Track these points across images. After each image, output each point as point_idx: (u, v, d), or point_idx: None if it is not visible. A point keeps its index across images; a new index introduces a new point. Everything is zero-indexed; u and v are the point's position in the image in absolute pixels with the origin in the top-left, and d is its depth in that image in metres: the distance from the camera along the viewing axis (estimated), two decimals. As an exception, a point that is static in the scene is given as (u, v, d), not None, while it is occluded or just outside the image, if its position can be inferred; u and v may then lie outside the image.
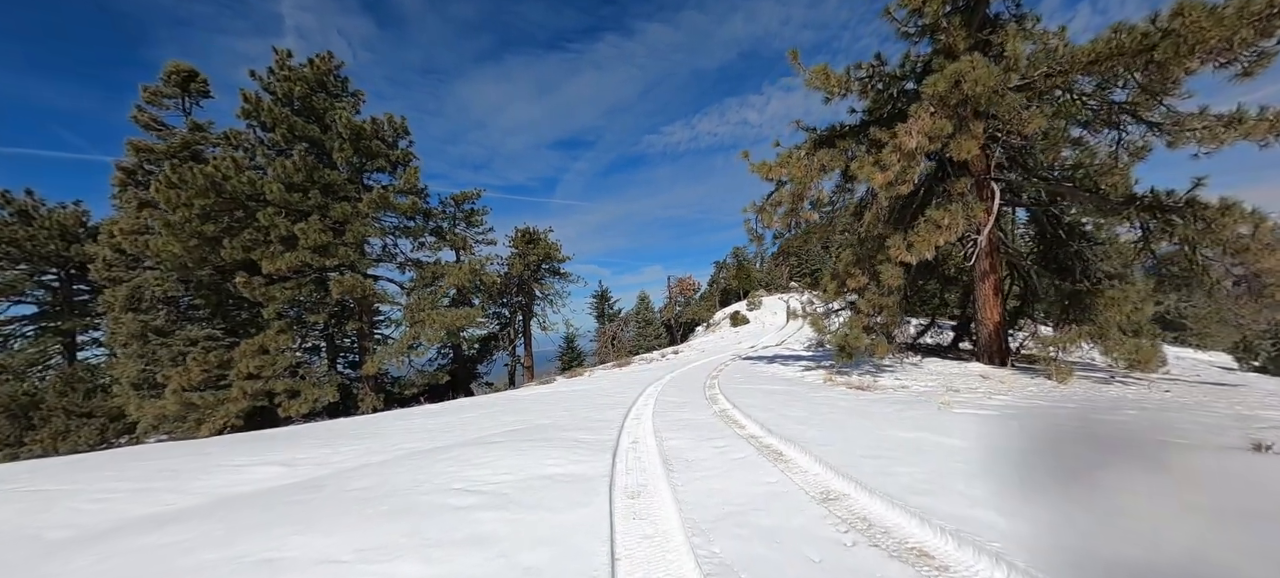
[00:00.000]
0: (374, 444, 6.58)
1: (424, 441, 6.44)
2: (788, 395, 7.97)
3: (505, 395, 12.80)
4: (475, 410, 9.50)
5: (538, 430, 6.48)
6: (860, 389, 7.96)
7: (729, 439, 5.36)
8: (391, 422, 8.65)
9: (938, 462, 3.96)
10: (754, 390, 8.93)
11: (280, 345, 17.05)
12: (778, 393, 8.43)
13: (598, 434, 5.99)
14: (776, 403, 7.27)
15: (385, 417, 9.78)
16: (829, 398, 7.39)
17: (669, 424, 6.41)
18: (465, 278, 18.70)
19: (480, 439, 5.97)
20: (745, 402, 7.51)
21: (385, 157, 19.43)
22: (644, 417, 7.35)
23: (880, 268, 10.01)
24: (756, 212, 12.83)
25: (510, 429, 6.85)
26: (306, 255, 16.32)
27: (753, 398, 7.92)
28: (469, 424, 7.74)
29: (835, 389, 8.39)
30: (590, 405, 8.79)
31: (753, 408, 6.93)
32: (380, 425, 8.42)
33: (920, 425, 5.21)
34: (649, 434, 6.01)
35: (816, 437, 5.01)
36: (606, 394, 10.48)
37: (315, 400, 16.60)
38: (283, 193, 16.79)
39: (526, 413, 8.58)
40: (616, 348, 37.57)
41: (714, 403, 8.07)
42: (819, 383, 9.53)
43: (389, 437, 7.16)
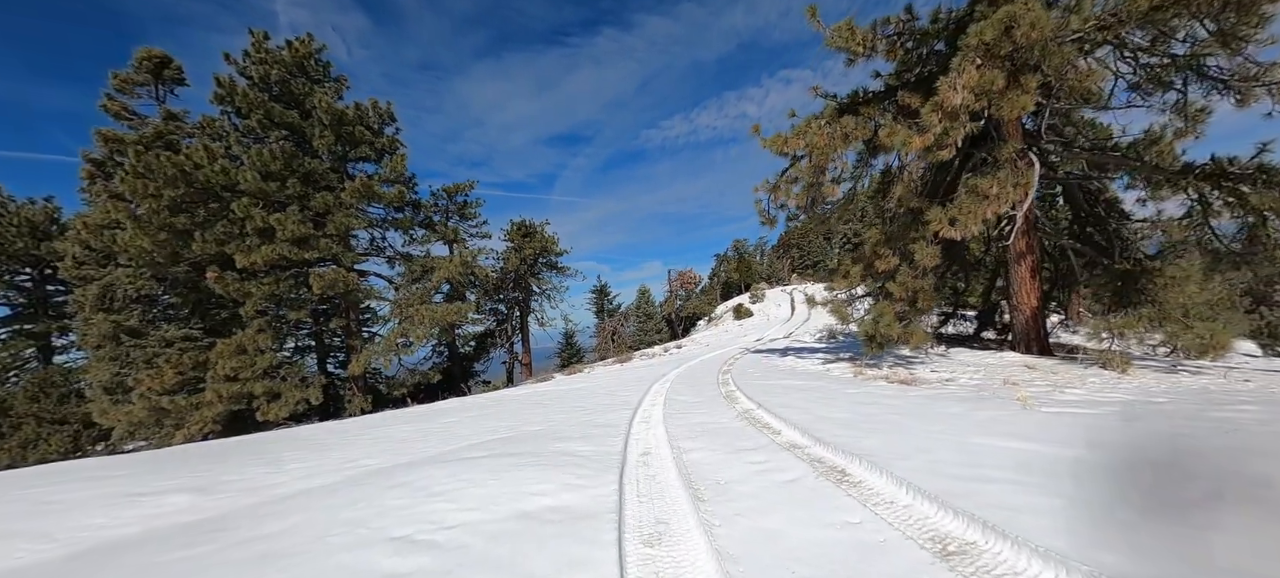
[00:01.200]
0: (330, 459, 5.39)
1: (389, 455, 5.25)
2: (820, 392, 6.79)
3: (497, 396, 11.62)
4: (461, 414, 8.32)
5: (527, 440, 5.31)
6: (904, 384, 6.81)
7: (767, 451, 4.18)
8: (361, 429, 7.47)
9: (1081, 486, 2.78)
10: (777, 386, 7.76)
11: (260, 345, 15.83)
12: (806, 389, 7.25)
13: (599, 444, 4.82)
14: (810, 401, 6.10)
15: (358, 423, 8.62)
16: (870, 395, 6.22)
17: (686, 430, 5.24)
18: (456, 271, 17.49)
19: (455, 454, 4.79)
20: (772, 400, 6.34)
21: (370, 144, 18.18)
22: (654, 420, 6.18)
23: (913, 247, 8.83)
24: (769, 190, 11.63)
25: (495, 438, 5.67)
26: (284, 248, 15.09)
27: (779, 395, 6.75)
28: (449, 431, 6.56)
29: (872, 384, 7.22)
30: (591, 406, 7.62)
31: (783, 408, 5.76)
32: (347, 434, 7.23)
33: (1011, 431, 4.04)
34: (662, 443, 4.83)
35: (881, 447, 3.83)
36: (609, 393, 9.31)
37: (297, 403, 15.40)
38: (258, 182, 15.54)
39: (517, 416, 7.40)
40: (617, 344, 36.40)
41: (734, 402, 6.89)
42: (848, 377, 8.36)
43: (352, 447, 5.97)
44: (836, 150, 9.23)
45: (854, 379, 8.05)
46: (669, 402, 7.38)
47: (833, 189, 9.45)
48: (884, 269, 9.08)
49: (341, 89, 19.48)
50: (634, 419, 6.40)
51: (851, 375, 8.49)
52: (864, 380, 7.68)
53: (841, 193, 9.58)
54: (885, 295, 9.26)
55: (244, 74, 17.46)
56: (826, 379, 8.34)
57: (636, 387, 9.78)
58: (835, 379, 8.24)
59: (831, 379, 8.29)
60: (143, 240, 15.32)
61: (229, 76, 16.93)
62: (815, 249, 49.67)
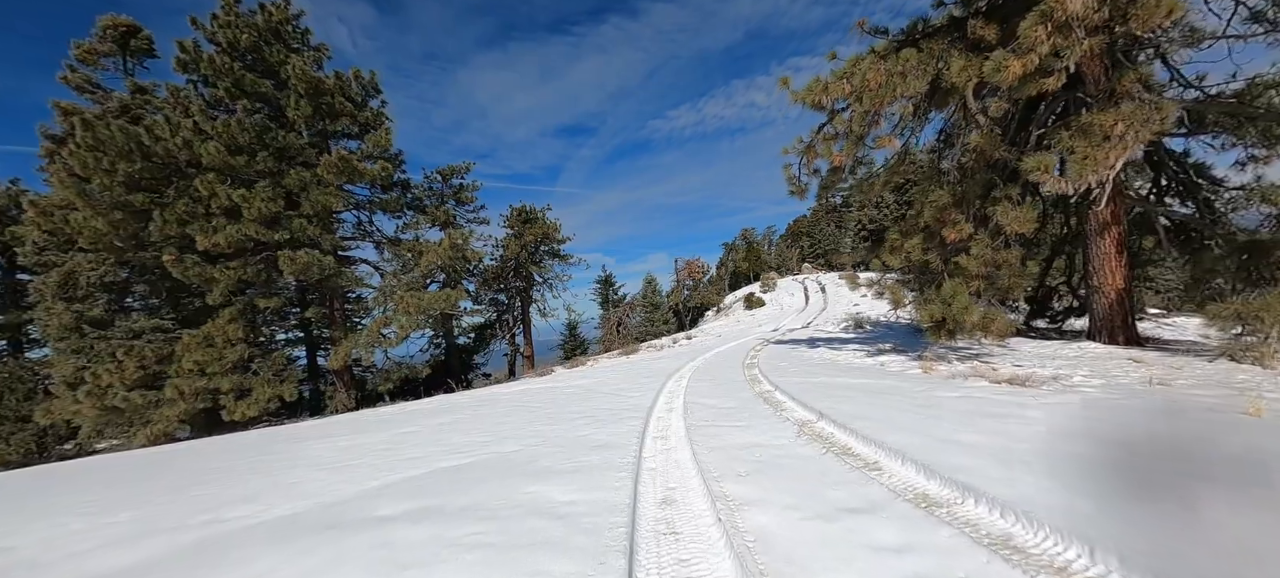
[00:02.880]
0: (186, 504, 3.59)
1: (277, 501, 3.44)
2: (896, 396, 4.92)
3: (483, 395, 9.83)
4: (427, 420, 6.52)
5: (489, 475, 3.49)
6: (1015, 384, 4.92)
7: (888, 511, 2.34)
8: (287, 445, 5.67)
9: None
10: (828, 387, 5.89)
11: (229, 337, 14.12)
12: (872, 390, 5.38)
13: (594, 486, 3.00)
14: (895, 411, 4.23)
15: (295, 430, 6.81)
16: (983, 402, 4.35)
17: (727, 458, 3.40)
18: (446, 256, 15.68)
19: (349, 511, 2.98)
20: (836, 407, 4.48)
21: (351, 116, 16.34)
22: (674, 435, 4.34)
23: (995, 209, 6.91)
24: (801, 152, 9.71)
25: (446, 469, 3.85)
26: (252, 229, 13.33)
27: (839, 399, 4.89)
28: (393, 450, 4.75)
29: (967, 385, 5.33)
30: (590, 412, 5.80)
31: (859, 420, 3.90)
32: (267, 450, 5.44)
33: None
34: (693, 485, 3.00)
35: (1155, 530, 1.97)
36: (614, 392, 7.47)
37: (269, 400, 13.70)
38: (224, 155, 13.75)
39: (495, 426, 5.58)
40: (622, 335, 34.59)
41: (780, 409, 5.03)
42: (916, 373, 6.47)
43: (232, 482, 4.17)
44: (894, 92, 7.28)
45: (927, 377, 6.15)
46: (691, 407, 5.53)
47: (889, 141, 7.51)
48: (954, 239, 7.16)
49: (322, 58, 17.63)
50: (646, 433, 4.56)
51: (920, 372, 6.59)
52: (948, 380, 5.79)
53: (899, 146, 7.64)
54: (956, 272, 7.34)
55: (212, 40, 15.65)
56: (889, 376, 6.45)
57: (647, 384, 7.95)
58: (902, 377, 6.34)
59: (896, 376, 6.40)
60: (97, 222, 13.62)
61: (194, 41, 15.13)
62: (826, 238, 47.34)
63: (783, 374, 7.43)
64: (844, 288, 29.96)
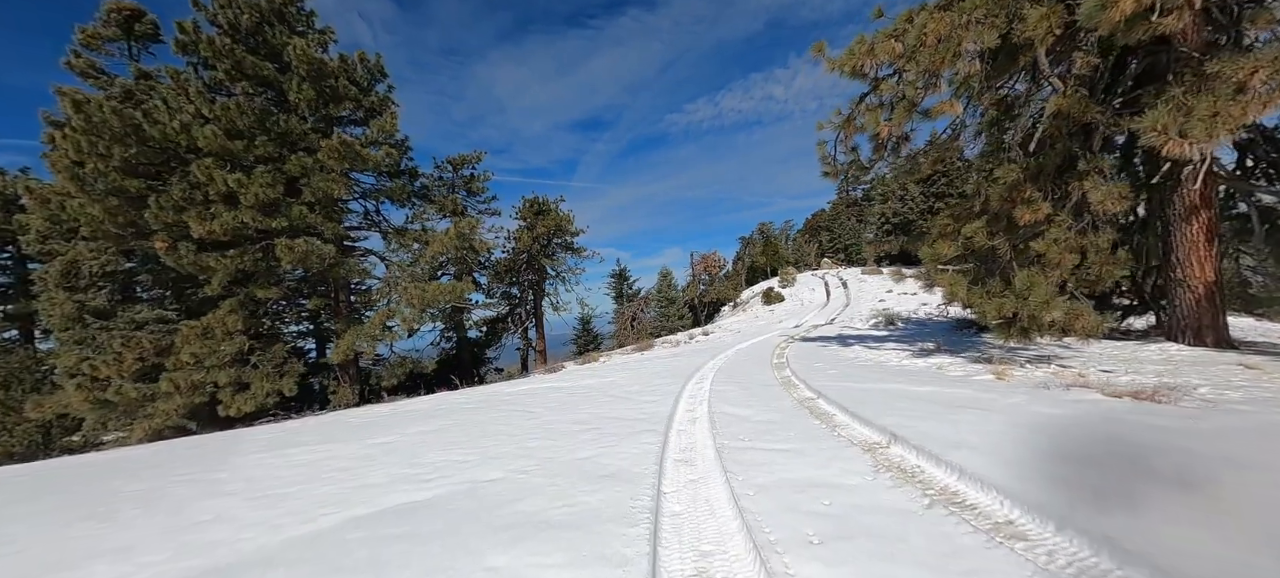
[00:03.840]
0: (26, 563, 2.67)
1: (147, 558, 2.49)
2: (986, 412, 3.81)
3: (482, 395, 8.91)
4: (409, 428, 5.58)
5: (444, 530, 2.52)
6: (1141, 399, 3.78)
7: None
8: (233, 456, 4.74)
9: None
10: (891, 397, 4.79)
11: (229, 328, 13.44)
12: (949, 403, 4.28)
13: (588, 567, 1.99)
14: (1009, 441, 3.13)
15: (257, 436, 5.88)
16: (1119, 424, 3.24)
17: (787, 513, 2.38)
18: (452, 245, 14.82)
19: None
20: (916, 429, 3.40)
21: (356, 101, 15.55)
22: (704, 464, 3.32)
23: (1083, 185, 5.73)
24: (839, 126, 8.56)
25: (394, 510, 2.88)
26: (248, 216, 12.60)
27: (917, 417, 3.81)
28: (354, 472, 3.80)
29: (1063, 397, 4.19)
30: (598, 423, 4.81)
31: (975, 457, 2.83)
32: (206, 463, 4.53)
33: None
34: (747, 563, 1.98)
35: None
36: (626, 396, 6.47)
37: (267, 395, 13.01)
38: (221, 140, 13.03)
39: (481, 441, 4.62)
40: (637, 330, 33.60)
41: (833, 425, 3.97)
42: (988, 380, 5.33)
43: (123, 519, 3.26)
44: (958, 46, 6.11)
45: (1005, 385, 5.01)
46: (719, 419, 4.50)
47: (950, 106, 6.34)
48: (1028, 221, 5.98)
49: (327, 41, 16.86)
50: (666, 455, 3.55)
51: (991, 377, 5.44)
52: (1038, 389, 4.65)
53: (961, 112, 6.46)
54: (1031, 260, 6.16)
55: (213, 22, 14.95)
56: (953, 382, 5.33)
57: (665, 386, 6.94)
58: (971, 383, 5.21)
59: (963, 383, 5.27)
60: (93, 208, 13.01)
61: (193, 22, 14.43)
62: (847, 232, 45.55)
63: (822, 377, 6.35)
64: (868, 283, 28.55)
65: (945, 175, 29.78)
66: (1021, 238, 6.39)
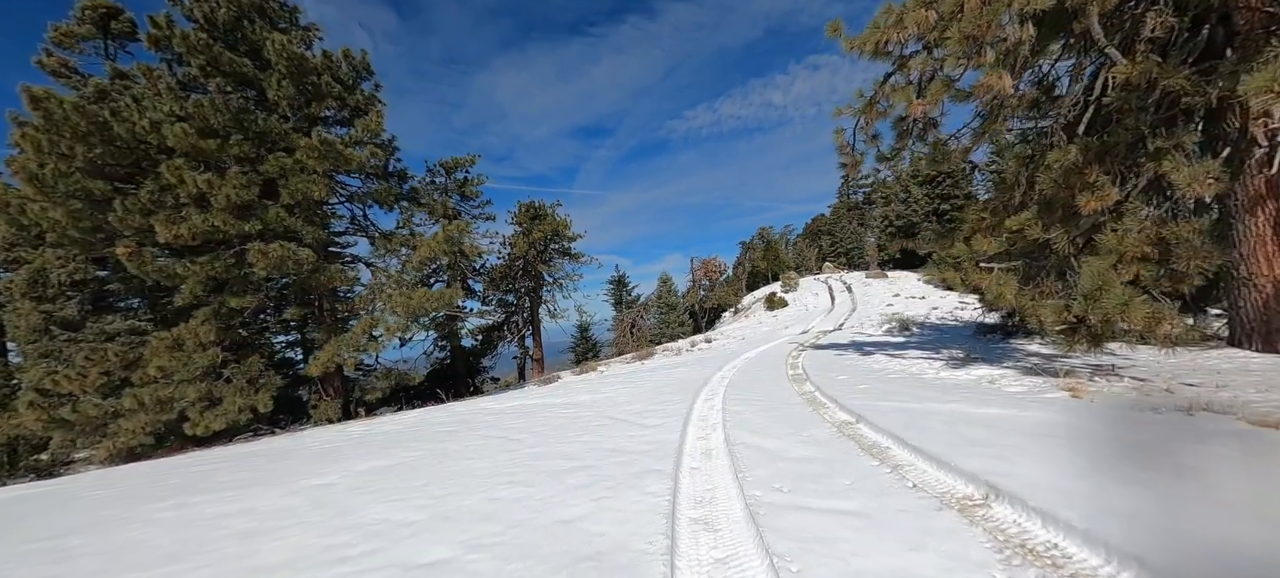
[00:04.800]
0: None
1: None
2: (1112, 451, 2.86)
3: (460, 414, 7.92)
4: (360, 465, 4.60)
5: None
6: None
7: None
8: (118, 498, 3.74)
9: None
10: (955, 422, 3.84)
11: (201, 339, 12.43)
12: (1045, 434, 3.32)
13: None
14: (1210, 518, 2.17)
15: (161, 476, 4.86)
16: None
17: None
18: (440, 248, 13.86)
19: None
20: (1032, 480, 2.45)
21: (340, 99, 14.64)
22: (728, 533, 2.35)
23: (1164, 166, 4.79)
24: (860, 111, 7.64)
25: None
26: (219, 219, 11.64)
27: (1017, 458, 2.86)
28: (250, 543, 2.82)
29: (1200, 426, 3.23)
30: (585, 460, 3.84)
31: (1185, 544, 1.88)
32: (80, 511, 3.54)
33: None
34: None
35: None
36: (626, 417, 5.50)
37: (240, 411, 12.00)
38: (193, 138, 12.09)
39: (440, 490, 3.64)
40: (636, 337, 32.59)
41: (895, 465, 3.01)
42: (1064, 399, 4.37)
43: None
44: (1006, 4, 5.18)
45: (1090, 406, 4.05)
46: (742, 453, 3.53)
47: (997, 79, 5.40)
48: (1093, 209, 5.03)
49: (311, 38, 16.00)
50: (677, 513, 2.58)
51: (1065, 395, 4.48)
52: (1149, 415, 3.69)
53: (1009, 85, 5.52)
54: (1097, 253, 5.21)
55: (189, 16, 14.07)
56: (1025, 403, 4.36)
57: (669, 404, 5.96)
58: (1046, 403, 4.25)
59: (1037, 403, 4.30)
60: (55, 212, 12.04)
61: (166, 16, 13.54)
62: (848, 236, 44.50)
63: (852, 392, 5.38)
64: (873, 287, 27.61)
65: (950, 176, 28.92)
66: (1084, 229, 5.44)
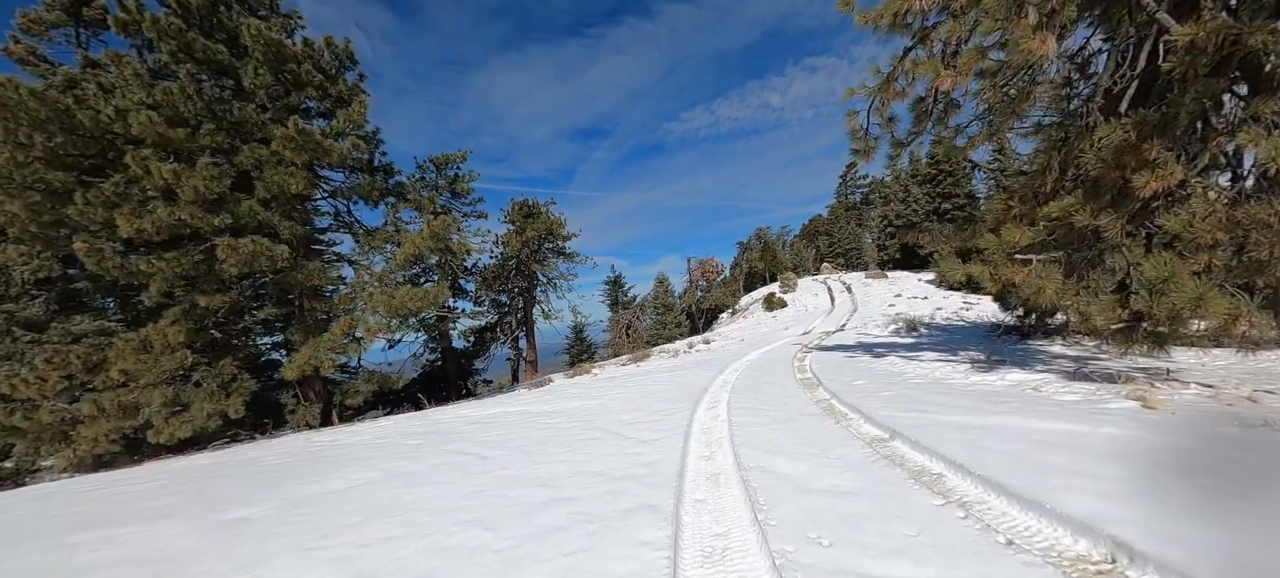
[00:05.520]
0: None
1: None
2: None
3: (434, 423, 7.18)
4: (291, 492, 3.87)
5: None
6: None
7: None
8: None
9: None
10: (1024, 443, 3.14)
11: (170, 341, 11.63)
12: (1166, 467, 2.62)
13: None
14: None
15: (56, 498, 4.13)
16: None
17: None
18: (426, 245, 13.10)
19: None
20: (1228, 554, 1.74)
21: (321, 89, 13.86)
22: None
23: (1240, 139, 4.11)
24: (875, 91, 6.94)
25: None
26: (187, 212, 10.86)
27: (1152, 509, 2.15)
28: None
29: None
30: (564, 489, 3.12)
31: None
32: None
33: None
34: None
35: None
36: (617, 430, 4.77)
37: (209, 417, 11.20)
38: (160, 127, 11.32)
39: (366, 535, 2.91)
40: (632, 338, 31.85)
41: (980, 518, 2.31)
42: (1133, 409, 3.68)
43: None
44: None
45: (1174, 422, 3.36)
46: (760, 485, 2.82)
47: (1042, 43, 4.71)
48: (1154, 190, 4.35)
49: (293, 26, 15.23)
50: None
51: (1136, 404, 3.79)
52: (1255, 431, 3.01)
53: (1052, 50, 4.84)
54: (1155, 241, 4.53)
55: (162, 2, 13.28)
56: (1090, 416, 3.66)
57: (667, 415, 5.25)
58: (1118, 417, 3.55)
59: (1106, 416, 3.60)
60: (13, 205, 11.25)
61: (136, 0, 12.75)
62: (847, 236, 43.83)
63: (875, 401, 4.67)
64: (873, 287, 26.97)
65: (951, 174, 28.31)
66: (1136, 214, 4.75)
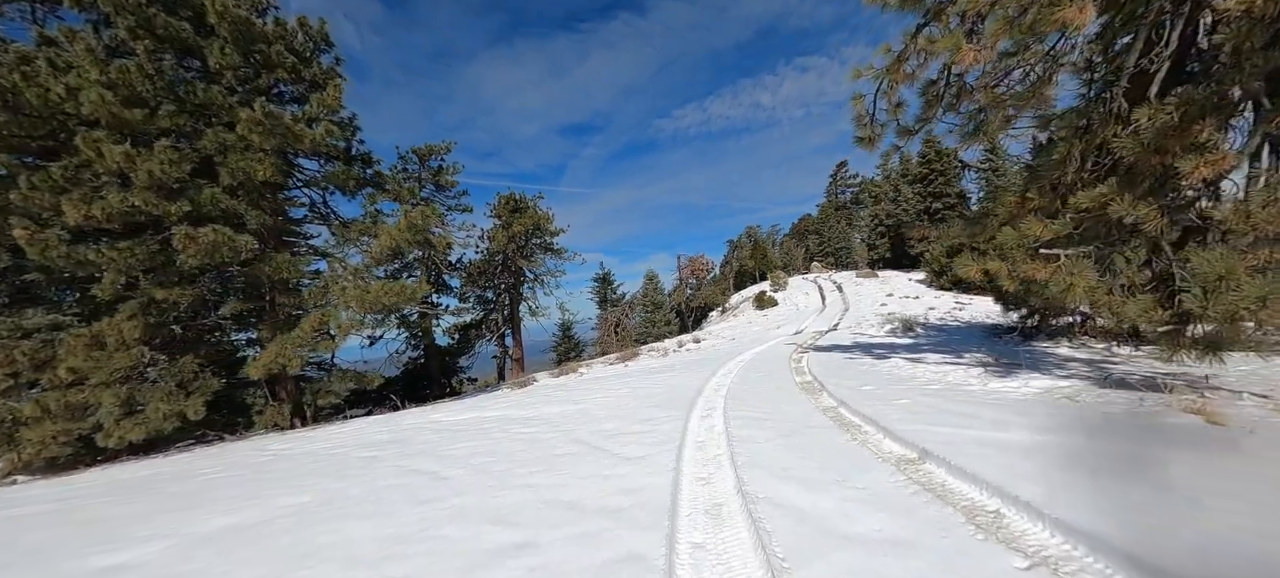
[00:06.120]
0: None
1: None
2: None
3: (398, 430, 6.54)
4: (207, 522, 3.25)
5: None
6: None
7: None
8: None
9: None
10: (1118, 470, 2.59)
11: (125, 337, 10.81)
12: None
13: None
14: None
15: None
16: None
17: None
18: (403, 237, 12.37)
19: None
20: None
21: (293, 72, 13.04)
22: None
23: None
24: (882, 73, 6.41)
25: None
26: (141, 198, 10.06)
27: None
28: None
29: None
30: (526, 532, 2.53)
31: None
32: None
33: None
34: None
35: None
36: (597, 443, 4.19)
37: (165, 419, 10.40)
38: (115, 107, 10.49)
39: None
40: (621, 337, 31.26)
41: None
42: (1196, 425, 3.18)
43: None
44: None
45: (1262, 441, 2.85)
46: (781, 527, 2.25)
47: (1078, 13, 4.20)
48: (1203, 176, 3.86)
49: (265, 4, 14.35)
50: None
51: (1198, 419, 3.28)
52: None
53: (1090, 16, 4.33)
54: (1201, 233, 4.04)
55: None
56: (1164, 437, 3.15)
57: (656, 424, 4.67)
58: (1194, 437, 3.04)
59: (1182, 438, 3.09)
60: (-50, 189, 10.34)
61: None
62: (836, 235, 43.58)
63: (893, 411, 4.13)
64: (864, 286, 26.66)
65: (942, 174, 28.06)
66: (1181, 206, 4.25)
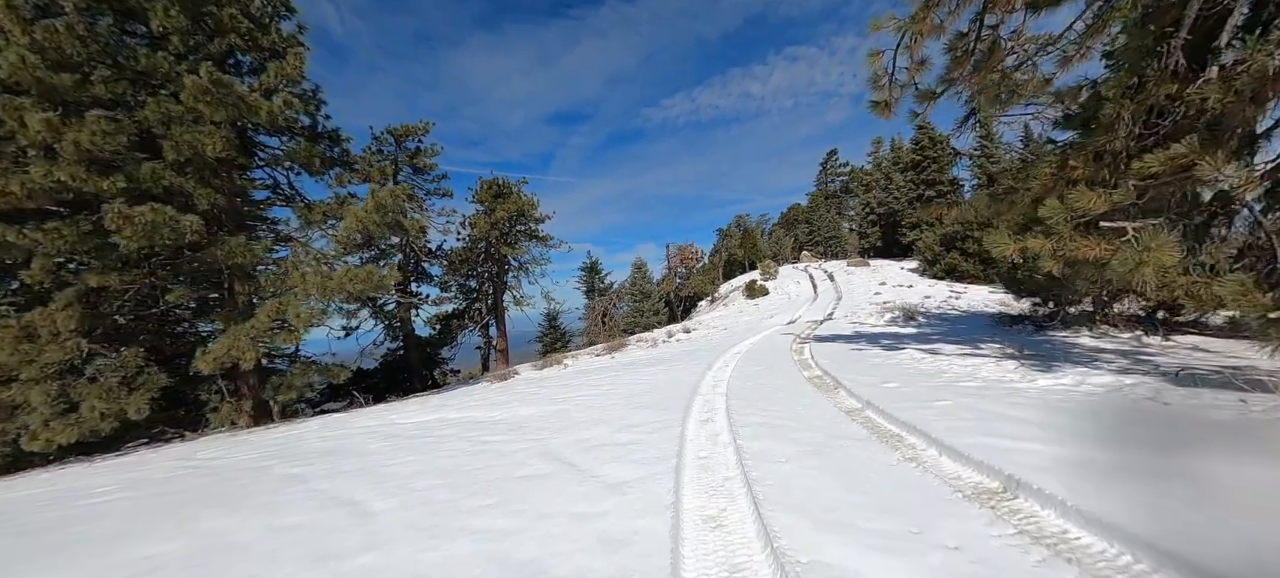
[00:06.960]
0: None
1: None
2: None
3: (337, 440, 5.67)
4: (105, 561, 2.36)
5: None
6: None
7: None
8: None
9: None
10: None
11: (59, 328, 9.70)
12: None
13: None
14: None
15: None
16: None
17: None
18: (371, 219, 11.35)
19: None
20: None
21: (248, 38, 11.86)
22: None
23: None
24: (908, 26, 5.59)
25: None
26: (69, 172, 8.93)
27: None
28: None
29: None
30: (485, 563, 1.72)
31: None
32: None
33: None
34: None
35: None
36: (572, 459, 3.37)
37: (104, 418, 9.35)
38: (41, 71, 9.31)
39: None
40: (608, 326, 30.42)
41: None
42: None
43: None
44: None
45: None
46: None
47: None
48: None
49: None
50: None
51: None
52: None
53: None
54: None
55: (51, -75, 11.03)
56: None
57: (646, 431, 3.88)
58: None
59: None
60: None
61: (14, -81, 10.51)
62: (826, 224, 43.02)
63: (932, 413, 3.38)
64: (856, 275, 26.15)
65: (935, 161, 27.49)
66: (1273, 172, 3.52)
